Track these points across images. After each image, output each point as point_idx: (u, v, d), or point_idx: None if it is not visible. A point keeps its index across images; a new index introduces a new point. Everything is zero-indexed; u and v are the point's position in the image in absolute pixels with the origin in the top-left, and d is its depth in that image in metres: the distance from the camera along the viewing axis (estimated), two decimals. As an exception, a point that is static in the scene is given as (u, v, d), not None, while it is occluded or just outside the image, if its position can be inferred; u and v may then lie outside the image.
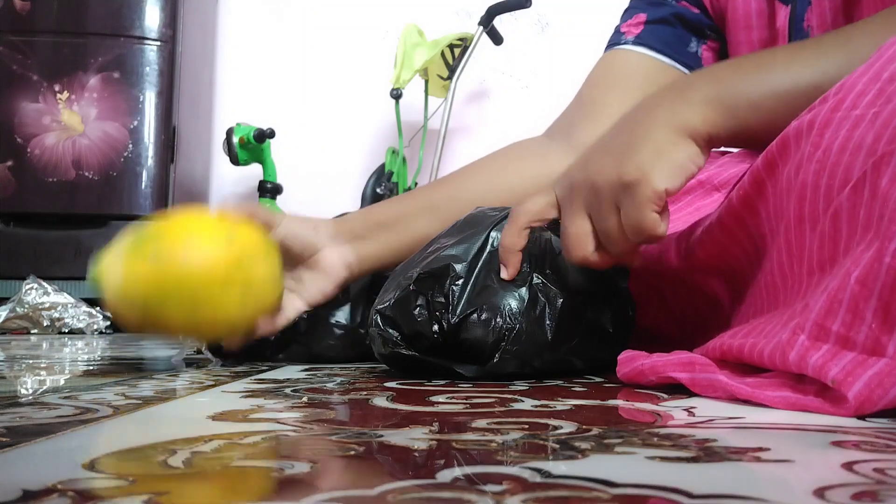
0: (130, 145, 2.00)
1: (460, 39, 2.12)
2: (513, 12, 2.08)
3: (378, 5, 2.43)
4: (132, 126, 2.00)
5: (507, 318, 0.55)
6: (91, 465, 0.25)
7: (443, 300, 0.56)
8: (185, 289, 0.54)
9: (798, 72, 0.49)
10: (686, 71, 0.77)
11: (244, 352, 0.71)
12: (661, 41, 0.78)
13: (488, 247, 0.58)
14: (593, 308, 0.58)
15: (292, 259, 0.67)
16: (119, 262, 0.55)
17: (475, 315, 0.55)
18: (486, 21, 2.08)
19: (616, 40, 0.80)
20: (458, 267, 0.56)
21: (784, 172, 0.45)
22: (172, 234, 0.57)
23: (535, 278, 0.56)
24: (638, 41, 0.78)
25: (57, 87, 1.98)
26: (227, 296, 0.56)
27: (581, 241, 0.52)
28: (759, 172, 0.48)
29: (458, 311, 0.55)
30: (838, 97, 0.42)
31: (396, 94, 2.09)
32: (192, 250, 0.55)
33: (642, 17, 0.79)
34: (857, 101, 0.41)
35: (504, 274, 0.56)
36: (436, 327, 0.55)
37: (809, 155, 0.42)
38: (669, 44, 0.78)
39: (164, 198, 2.03)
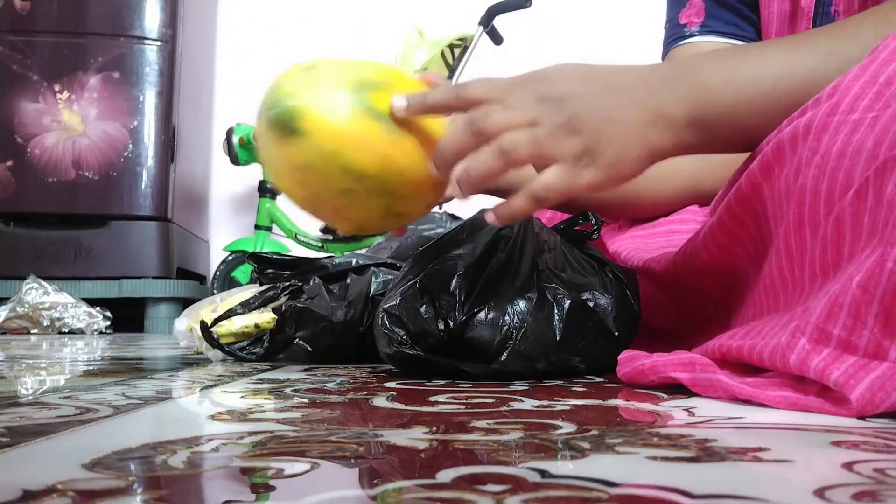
0: (130, 145, 2.00)
1: (460, 39, 2.13)
2: (513, 12, 2.08)
3: (378, 5, 2.43)
4: (132, 126, 2.00)
5: (515, 318, 0.55)
6: (91, 465, 0.25)
7: (449, 298, 0.55)
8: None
9: (787, 87, 0.48)
10: None
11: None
12: (725, 23, 0.75)
13: (498, 247, 0.58)
14: (600, 310, 0.57)
15: None
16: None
17: (482, 313, 0.55)
18: (486, 21, 2.08)
19: (679, 33, 0.77)
20: (465, 265, 0.56)
21: (781, 176, 0.45)
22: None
23: (543, 278, 0.56)
24: (705, 30, 0.75)
25: (57, 87, 1.98)
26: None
27: (506, 123, 0.49)
28: (755, 175, 0.48)
29: (464, 310, 0.55)
30: (833, 101, 0.42)
31: (396, 94, 2.09)
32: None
33: (698, 2, 0.76)
34: (855, 105, 0.41)
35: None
36: (442, 325, 0.55)
37: (808, 160, 0.42)
38: (734, 23, 0.75)
39: (164, 197, 2.03)
